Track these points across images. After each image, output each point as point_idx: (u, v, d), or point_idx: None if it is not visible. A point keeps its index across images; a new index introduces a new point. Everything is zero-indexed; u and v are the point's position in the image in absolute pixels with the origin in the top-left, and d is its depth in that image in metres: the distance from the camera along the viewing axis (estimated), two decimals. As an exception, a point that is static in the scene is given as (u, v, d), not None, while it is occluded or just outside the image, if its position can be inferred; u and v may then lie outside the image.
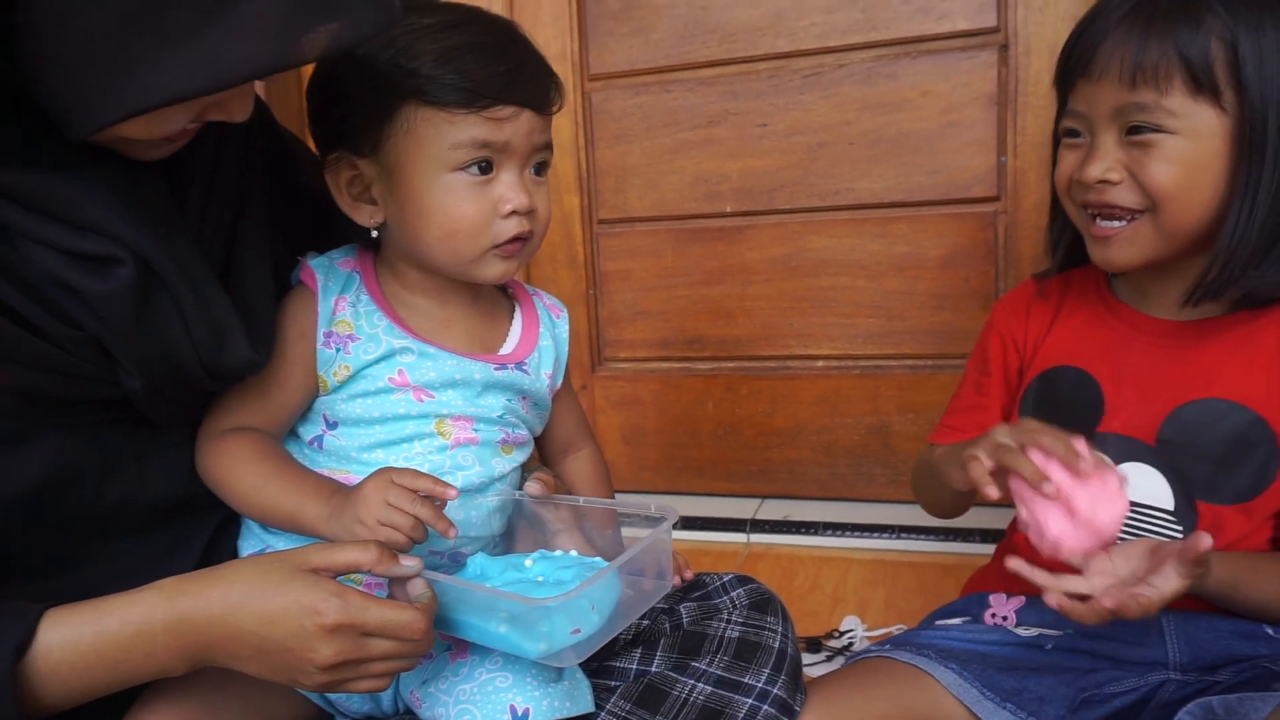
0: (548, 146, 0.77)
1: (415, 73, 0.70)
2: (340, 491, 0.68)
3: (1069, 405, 0.87)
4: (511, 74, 0.71)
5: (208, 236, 0.69)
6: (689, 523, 1.60)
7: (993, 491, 0.71)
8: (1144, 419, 0.83)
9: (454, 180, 0.72)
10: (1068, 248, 0.89)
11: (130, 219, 0.61)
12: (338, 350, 0.76)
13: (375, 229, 0.78)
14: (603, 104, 1.63)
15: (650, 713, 0.73)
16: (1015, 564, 0.74)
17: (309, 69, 0.73)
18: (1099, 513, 0.69)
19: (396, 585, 0.64)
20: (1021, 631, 0.85)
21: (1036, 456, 0.71)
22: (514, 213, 0.73)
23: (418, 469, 0.69)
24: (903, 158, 1.49)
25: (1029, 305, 0.94)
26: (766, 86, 1.55)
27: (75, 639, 0.58)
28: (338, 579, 0.61)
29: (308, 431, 0.79)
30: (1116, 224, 0.79)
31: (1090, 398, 0.86)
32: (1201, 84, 0.73)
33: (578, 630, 0.63)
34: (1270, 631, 0.78)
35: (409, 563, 0.62)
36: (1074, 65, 0.80)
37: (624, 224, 1.67)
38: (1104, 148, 0.78)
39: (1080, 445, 0.72)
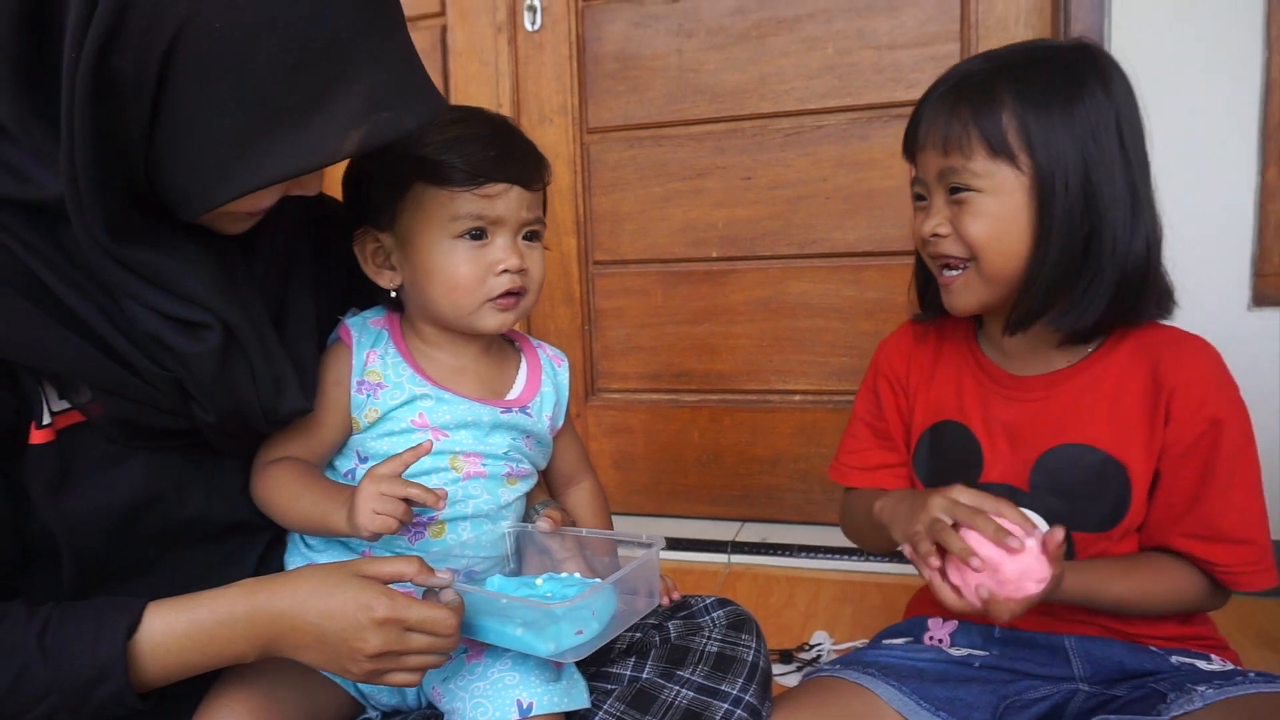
0: (538, 220, 0.89)
1: (423, 158, 0.83)
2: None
3: (955, 458, 0.98)
4: (501, 157, 0.84)
5: (265, 295, 0.81)
6: (674, 544, 1.72)
7: (933, 572, 0.82)
8: (1015, 467, 0.93)
9: (454, 245, 0.85)
10: (935, 295, 0.98)
11: (219, 290, 0.72)
12: (368, 396, 0.88)
13: (395, 291, 0.91)
14: (599, 155, 1.76)
15: (641, 713, 0.85)
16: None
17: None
18: (1026, 584, 0.78)
19: (430, 594, 0.75)
20: (954, 651, 0.96)
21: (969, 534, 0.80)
22: (506, 271, 0.86)
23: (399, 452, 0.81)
24: (874, 211, 1.63)
25: (910, 352, 1.04)
26: (751, 143, 1.68)
27: (172, 624, 0.69)
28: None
29: (343, 465, 0.91)
30: (954, 272, 0.91)
31: (971, 451, 0.97)
32: (997, 149, 0.85)
33: (580, 632, 0.75)
34: (1155, 650, 0.90)
35: (443, 575, 0.74)
36: (909, 140, 0.93)
37: (617, 265, 1.79)
38: (935, 206, 0.90)
39: (1009, 517, 0.80)
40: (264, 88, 0.63)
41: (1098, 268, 0.86)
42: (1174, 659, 0.89)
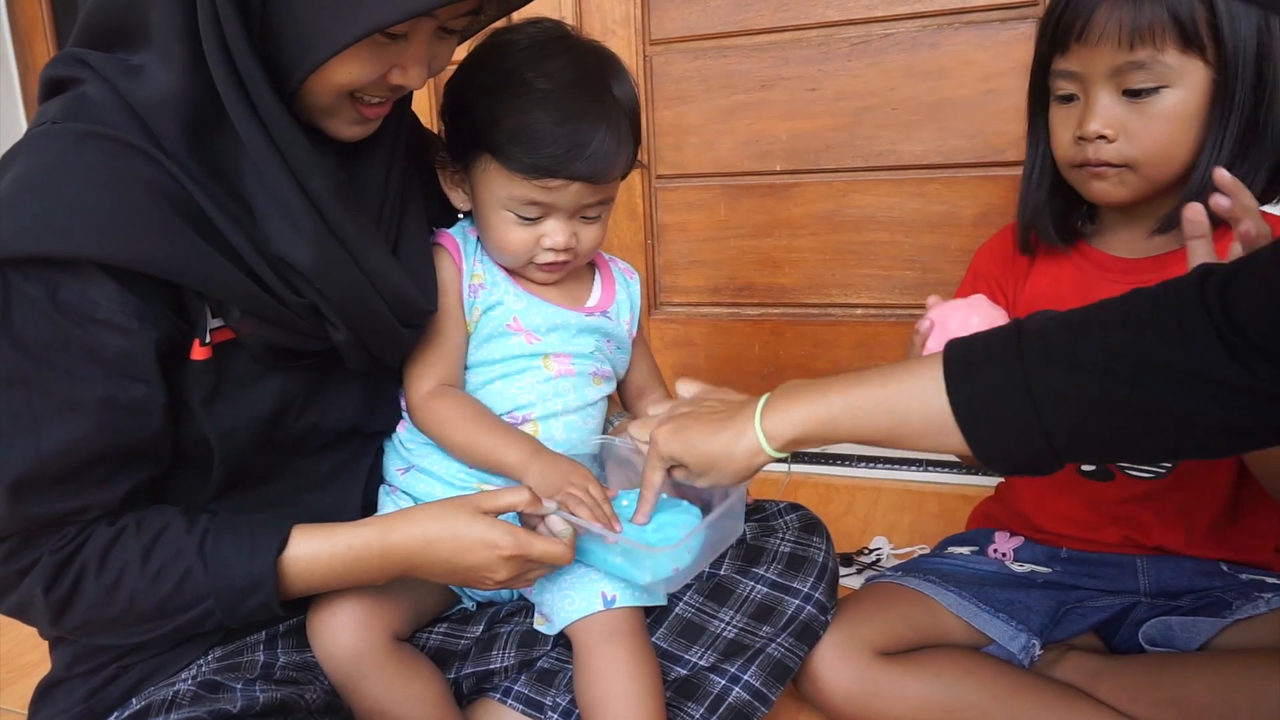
0: (600, 203, 0.89)
1: (495, 138, 0.84)
2: (541, 451, 0.86)
3: None
4: (572, 154, 0.82)
5: (385, 218, 0.85)
6: (735, 453, 1.77)
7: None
8: None
9: (508, 215, 0.88)
10: (1058, 217, 0.95)
11: (338, 205, 0.75)
12: (473, 297, 0.92)
13: (464, 213, 0.94)
14: (663, 67, 1.75)
15: (718, 605, 0.92)
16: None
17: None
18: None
19: (535, 519, 0.81)
20: (1016, 567, 0.99)
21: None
22: (551, 248, 0.89)
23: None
24: (942, 122, 1.60)
25: (1010, 252, 1.02)
26: (817, 53, 1.66)
27: (315, 554, 0.77)
28: (500, 517, 0.79)
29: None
30: (1109, 166, 0.86)
31: None
32: (1191, 40, 0.80)
33: (677, 568, 0.81)
34: (1225, 568, 0.92)
35: (550, 504, 0.81)
36: (1066, 30, 0.84)
37: (681, 179, 1.80)
38: (1101, 105, 0.83)
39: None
40: None
41: (1260, 155, 0.83)
42: (1243, 576, 0.91)
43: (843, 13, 1.62)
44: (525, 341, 0.92)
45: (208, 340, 0.76)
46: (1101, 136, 0.84)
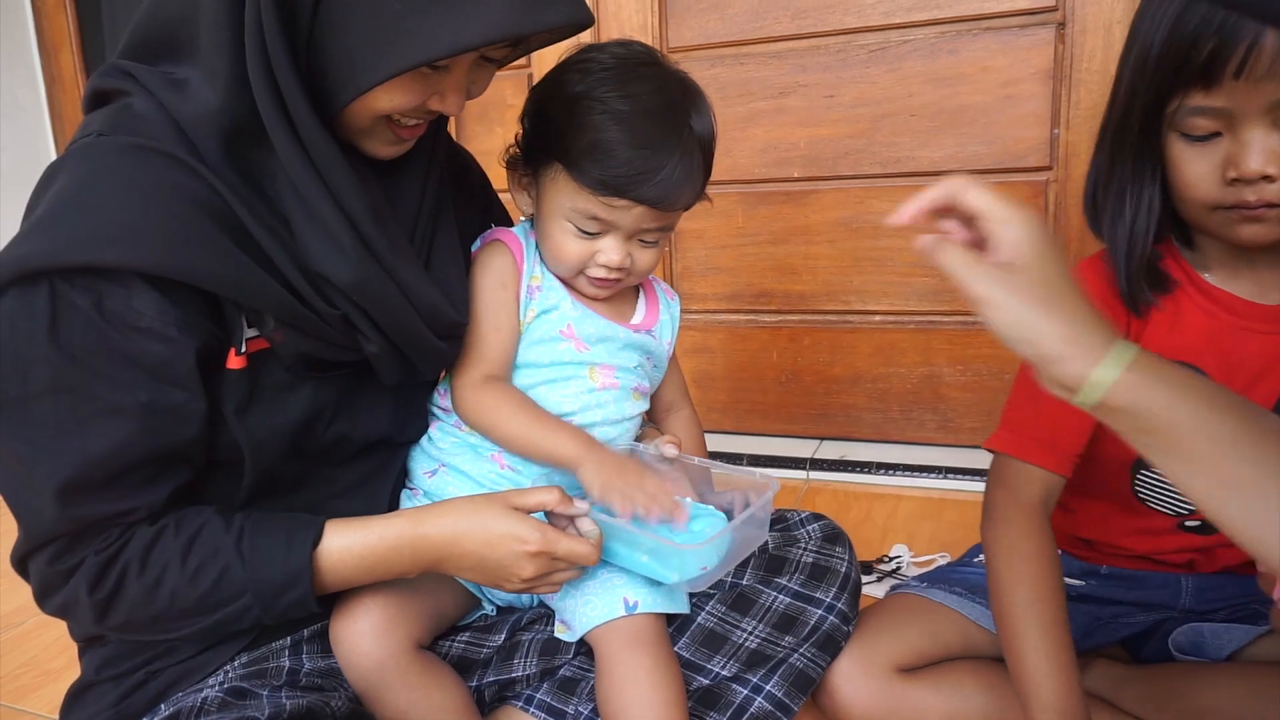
0: (660, 229, 0.89)
1: (569, 149, 0.84)
2: (595, 444, 0.86)
3: None
4: (642, 177, 0.82)
5: (420, 234, 0.86)
6: (753, 460, 1.77)
7: None
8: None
9: (568, 226, 0.88)
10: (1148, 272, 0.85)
11: (374, 223, 0.76)
12: (530, 298, 0.92)
13: (528, 216, 0.95)
14: (680, 75, 1.76)
15: (741, 615, 0.91)
16: None
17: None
18: None
19: (564, 520, 0.82)
20: None
21: None
22: (605, 265, 0.89)
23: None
24: (961, 129, 1.60)
25: (1110, 289, 0.87)
26: (834, 60, 1.66)
27: (348, 545, 0.78)
28: (530, 514, 0.80)
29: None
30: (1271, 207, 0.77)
31: None
32: None
33: (705, 568, 0.81)
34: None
35: (581, 505, 0.81)
36: (1219, 63, 0.74)
37: (698, 187, 1.80)
38: (1264, 142, 0.75)
39: None
40: None
41: None
42: None
43: (860, 19, 1.62)
44: (575, 349, 0.93)
45: (243, 349, 0.77)
46: (1266, 176, 0.76)
